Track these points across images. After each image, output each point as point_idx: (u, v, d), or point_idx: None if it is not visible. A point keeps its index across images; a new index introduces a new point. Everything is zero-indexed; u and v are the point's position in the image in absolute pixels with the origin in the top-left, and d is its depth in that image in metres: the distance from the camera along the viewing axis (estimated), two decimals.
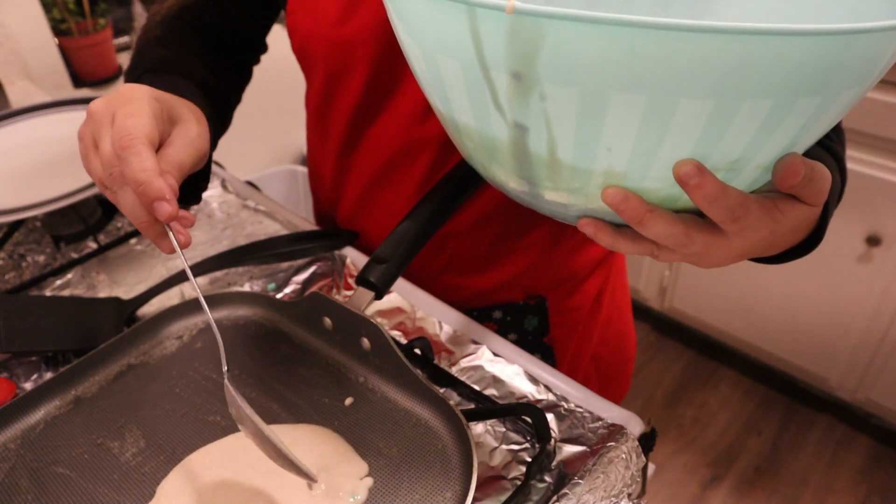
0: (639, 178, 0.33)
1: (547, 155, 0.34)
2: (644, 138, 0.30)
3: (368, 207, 0.69)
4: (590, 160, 0.33)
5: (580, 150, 0.32)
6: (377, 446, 0.49)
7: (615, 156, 0.32)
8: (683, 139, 0.30)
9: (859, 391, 1.57)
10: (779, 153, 0.33)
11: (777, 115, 0.29)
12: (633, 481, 0.48)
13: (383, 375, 0.54)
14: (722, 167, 0.32)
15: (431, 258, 0.68)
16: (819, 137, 0.34)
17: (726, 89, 0.27)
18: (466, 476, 0.45)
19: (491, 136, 0.35)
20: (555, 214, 0.41)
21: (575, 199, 0.36)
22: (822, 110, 0.30)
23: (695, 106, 0.28)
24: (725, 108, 0.28)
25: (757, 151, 0.32)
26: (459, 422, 0.48)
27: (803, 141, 0.33)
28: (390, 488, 0.47)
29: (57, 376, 0.54)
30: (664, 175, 0.32)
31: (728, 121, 0.29)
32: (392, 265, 0.53)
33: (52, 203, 0.67)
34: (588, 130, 0.31)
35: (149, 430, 0.52)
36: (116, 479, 0.48)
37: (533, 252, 0.68)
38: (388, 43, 0.58)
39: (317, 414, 0.52)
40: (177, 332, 0.61)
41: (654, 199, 0.34)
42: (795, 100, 0.29)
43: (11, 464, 0.49)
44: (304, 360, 0.57)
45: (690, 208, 0.36)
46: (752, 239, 0.38)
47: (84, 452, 0.50)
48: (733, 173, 0.33)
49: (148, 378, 0.56)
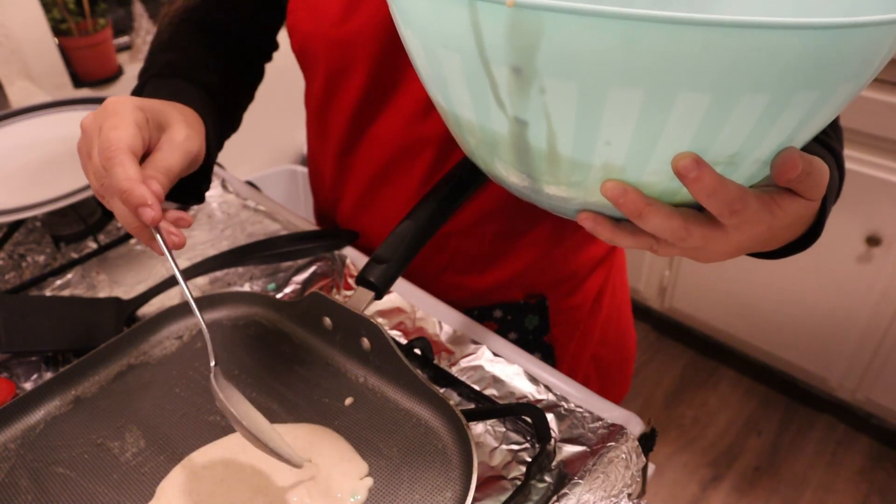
0: (637, 172, 0.33)
1: (547, 149, 0.34)
2: (642, 132, 0.31)
3: (369, 207, 0.69)
4: (589, 154, 0.33)
5: (579, 143, 0.32)
6: (377, 446, 0.49)
7: (614, 150, 0.32)
8: (681, 133, 0.30)
9: (859, 391, 1.57)
10: (777, 147, 0.33)
11: (775, 108, 0.29)
12: (633, 481, 0.48)
13: (383, 375, 0.54)
14: (720, 161, 0.32)
15: (432, 257, 0.68)
16: (817, 132, 0.34)
17: (724, 83, 0.28)
18: (466, 476, 0.45)
19: (492, 130, 0.36)
20: (555, 209, 0.41)
21: (575, 193, 0.36)
22: (819, 104, 0.30)
23: (693, 100, 0.28)
24: (723, 102, 0.29)
25: (755, 145, 0.32)
26: (459, 422, 0.48)
27: (801, 135, 0.33)
28: (390, 488, 0.47)
29: (57, 376, 0.54)
30: (663, 169, 0.32)
31: (726, 115, 0.29)
32: (392, 265, 0.53)
33: (52, 203, 0.67)
34: (587, 124, 0.31)
35: (149, 430, 0.52)
36: (116, 479, 0.48)
37: (533, 251, 0.68)
38: (388, 42, 0.58)
39: (317, 414, 0.52)
40: (177, 332, 0.61)
41: (652, 192, 0.34)
42: (793, 94, 0.29)
43: (11, 464, 0.49)
44: (304, 360, 0.57)
45: (689, 202, 0.36)
46: (750, 233, 0.38)
47: (84, 452, 0.50)
48: (732, 167, 0.33)
49: (148, 378, 0.56)
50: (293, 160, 1.66)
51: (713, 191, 0.33)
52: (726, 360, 1.86)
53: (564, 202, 0.38)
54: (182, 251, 0.73)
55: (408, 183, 0.64)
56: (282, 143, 1.60)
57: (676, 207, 0.36)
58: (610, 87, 0.29)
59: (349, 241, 0.71)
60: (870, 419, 1.66)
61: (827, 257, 1.45)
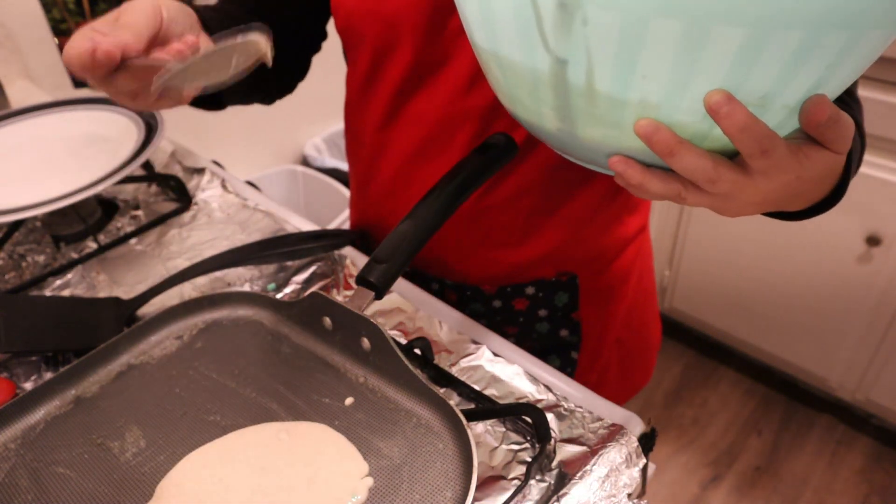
0: (671, 110, 0.35)
1: (585, 85, 0.35)
2: (678, 66, 0.32)
3: (405, 184, 0.69)
4: (626, 89, 0.34)
5: (617, 78, 0.34)
6: (377, 446, 0.49)
7: (649, 84, 0.34)
8: (715, 68, 0.32)
9: (859, 391, 1.57)
10: (805, 94, 0.34)
11: (805, 48, 0.31)
12: (633, 481, 0.48)
13: (383, 375, 0.54)
14: (751, 102, 0.34)
15: (469, 232, 0.69)
16: (844, 86, 0.36)
17: (757, 17, 0.29)
18: (467, 475, 0.45)
19: (532, 68, 0.37)
20: (587, 158, 0.42)
21: (609, 134, 0.38)
22: (848, 49, 0.32)
23: (727, 34, 0.30)
24: (756, 38, 0.30)
25: (785, 87, 0.33)
26: (459, 421, 0.48)
27: (829, 85, 0.34)
28: (390, 488, 0.47)
29: (57, 376, 0.54)
30: (696, 108, 0.34)
31: (758, 51, 0.31)
32: (392, 265, 0.53)
33: (52, 203, 0.67)
34: (626, 57, 0.33)
35: (149, 430, 0.52)
36: (116, 478, 0.48)
37: (566, 227, 0.69)
38: (434, 13, 0.58)
39: (317, 414, 0.52)
40: (177, 331, 0.61)
41: (684, 134, 0.36)
42: (824, 33, 0.30)
43: (11, 463, 0.49)
44: (304, 360, 0.57)
45: (718, 148, 0.37)
46: (778, 181, 0.39)
47: (84, 452, 0.50)
48: (761, 110, 0.34)
49: (148, 378, 0.56)
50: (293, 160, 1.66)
51: (745, 125, 0.34)
52: (726, 360, 1.86)
53: (598, 147, 0.39)
54: (182, 251, 0.73)
55: (445, 158, 0.65)
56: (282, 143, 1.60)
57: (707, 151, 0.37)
58: (649, 18, 0.31)
59: (349, 241, 0.71)
60: (870, 419, 1.66)
61: (827, 257, 1.45)
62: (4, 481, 0.48)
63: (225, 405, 0.54)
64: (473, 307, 0.75)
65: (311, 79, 0.77)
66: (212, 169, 0.86)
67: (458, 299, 0.75)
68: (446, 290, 0.75)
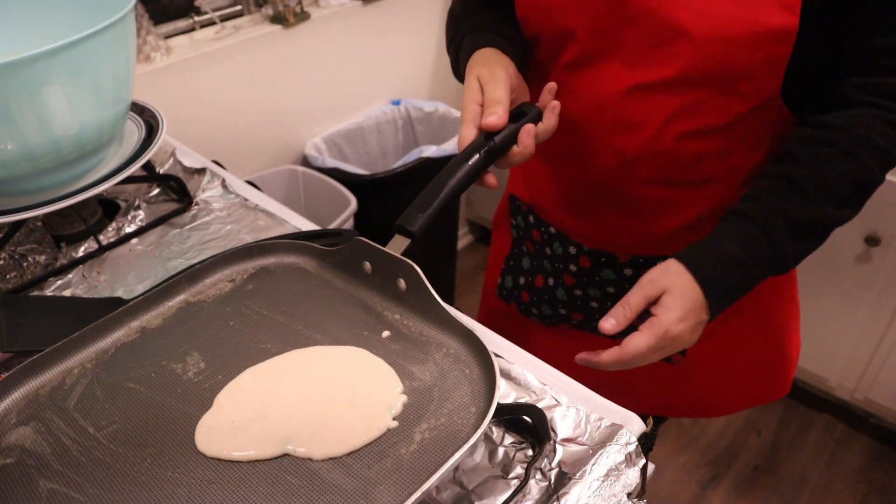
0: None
1: None
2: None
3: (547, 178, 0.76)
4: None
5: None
6: (410, 370, 0.54)
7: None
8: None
9: (858, 391, 1.57)
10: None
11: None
12: (633, 481, 0.48)
13: (417, 312, 0.58)
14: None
15: (616, 206, 0.73)
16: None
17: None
18: (489, 395, 0.50)
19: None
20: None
21: None
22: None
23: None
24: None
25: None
26: (486, 352, 0.52)
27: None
28: (422, 404, 0.51)
29: (123, 310, 0.59)
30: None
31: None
32: (427, 215, 0.57)
33: (53, 203, 0.68)
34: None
35: (207, 354, 0.57)
36: (180, 392, 0.54)
37: (704, 204, 0.70)
38: (602, 4, 0.61)
39: (357, 344, 0.57)
40: (230, 275, 0.66)
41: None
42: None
43: (89, 379, 0.55)
44: (345, 301, 0.62)
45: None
46: (685, 339, 0.56)
47: (151, 372, 0.56)
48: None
49: (205, 313, 0.62)
50: (293, 160, 1.66)
51: (617, 363, 0.51)
52: None
53: None
54: (181, 251, 0.73)
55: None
56: (282, 143, 1.60)
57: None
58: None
59: (349, 241, 0.71)
60: (868, 419, 1.67)
61: (827, 257, 1.45)
62: (84, 393, 0.54)
63: (275, 335, 0.59)
64: (604, 274, 0.78)
65: (311, 79, 0.77)
66: (212, 169, 0.86)
67: (591, 265, 0.78)
68: (581, 256, 0.78)
